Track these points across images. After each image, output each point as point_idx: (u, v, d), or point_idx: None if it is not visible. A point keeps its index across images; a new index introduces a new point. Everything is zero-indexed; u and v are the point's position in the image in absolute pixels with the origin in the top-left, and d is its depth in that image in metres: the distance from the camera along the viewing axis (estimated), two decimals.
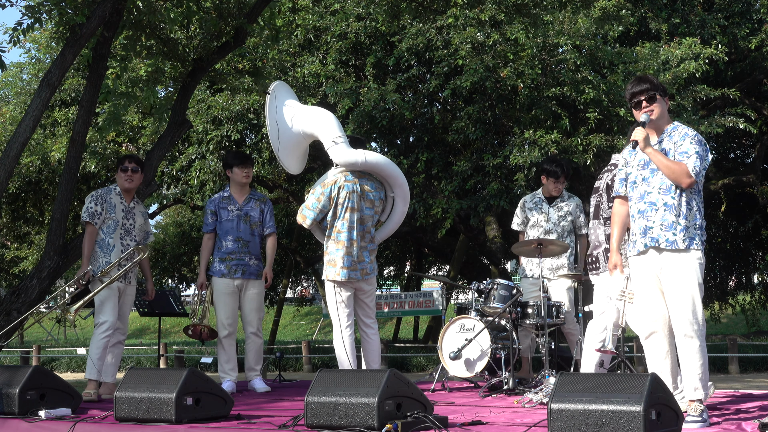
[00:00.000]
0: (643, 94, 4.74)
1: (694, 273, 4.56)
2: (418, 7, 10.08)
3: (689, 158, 4.58)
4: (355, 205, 6.26)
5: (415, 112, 11.44)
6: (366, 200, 6.33)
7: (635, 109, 4.80)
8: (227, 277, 6.87)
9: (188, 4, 7.38)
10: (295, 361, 18.45)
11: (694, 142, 4.62)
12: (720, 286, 20.80)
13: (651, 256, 4.67)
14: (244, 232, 6.93)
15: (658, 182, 4.67)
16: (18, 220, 15.46)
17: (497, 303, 6.77)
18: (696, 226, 4.64)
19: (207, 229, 6.98)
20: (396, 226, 6.62)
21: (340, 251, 6.24)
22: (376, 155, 6.55)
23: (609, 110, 10.61)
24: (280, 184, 16.04)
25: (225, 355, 6.96)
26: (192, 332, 7.01)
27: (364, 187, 6.34)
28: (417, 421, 4.36)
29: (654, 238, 4.64)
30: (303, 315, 31.81)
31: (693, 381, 4.50)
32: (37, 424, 5.10)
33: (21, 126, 6.83)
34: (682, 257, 4.58)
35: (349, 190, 6.26)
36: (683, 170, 4.55)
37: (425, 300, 15.51)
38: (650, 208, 4.67)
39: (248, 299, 6.97)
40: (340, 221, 6.26)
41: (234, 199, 6.97)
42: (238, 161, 7.03)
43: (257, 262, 6.99)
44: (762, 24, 13.07)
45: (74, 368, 20.69)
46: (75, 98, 13.69)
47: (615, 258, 4.95)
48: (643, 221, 4.69)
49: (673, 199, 4.62)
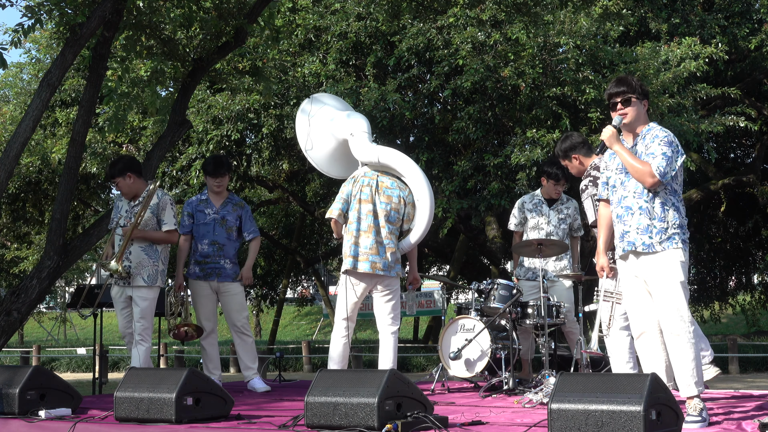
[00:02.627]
0: (618, 96, 4.75)
1: (674, 272, 4.56)
2: (419, 7, 10.08)
3: (654, 158, 4.60)
4: (367, 197, 6.21)
5: (415, 112, 11.43)
6: (382, 195, 6.24)
7: (611, 110, 4.81)
8: (202, 279, 6.89)
9: (188, 5, 7.39)
10: (295, 361, 18.46)
11: (662, 144, 4.63)
12: (720, 286, 20.81)
13: (631, 260, 4.71)
14: (220, 236, 6.92)
15: (633, 186, 4.69)
16: (18, 220, 15.47)
17: (497, 303, 6.77)
18: (675, 226, 4.63)
19: (183, 230, 6.96)
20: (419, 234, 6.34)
21: (348, 241, 6.19)
22: (395, 154, 6.46)
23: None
24: (280, 185, 16.05)
25: (207, 355, 7.04)
26: (177, 334, 6.99)
27: (381, 182, 6.28)
28: (417, 421, 4.36)
29: (631, 242, 4.67)
30: (303, 315, 31.82)
31: (686, 378, 4.51)
32: (37, 424, 5.10)
33: (21, 126, 6.83)
34: (660, 259, 4.60)
35: (363, 183, 6.25)
36: (647, 170, 4.57)
37: (425, 300, 15.52)
38: (626, 212, 4.71)
39: (227, 301, 6.97)
40: (352, 212, 6.24)
41: (211, 202, 6.96)
42: (209, 172, 6.98)
43: (233, 265, 6.97)
44: (762, 24, 13.06)
45: (74, 368, 20.69)
46: (75, 98, 13.69)
47: (602, 260, 4.99)
48: (621, 226, 4.73)
49: (647, 203, 4.64)
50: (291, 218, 20.53)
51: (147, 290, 6.60)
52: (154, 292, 6.65)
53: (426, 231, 6.35)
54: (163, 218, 6.69)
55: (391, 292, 6.25)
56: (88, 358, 19.78)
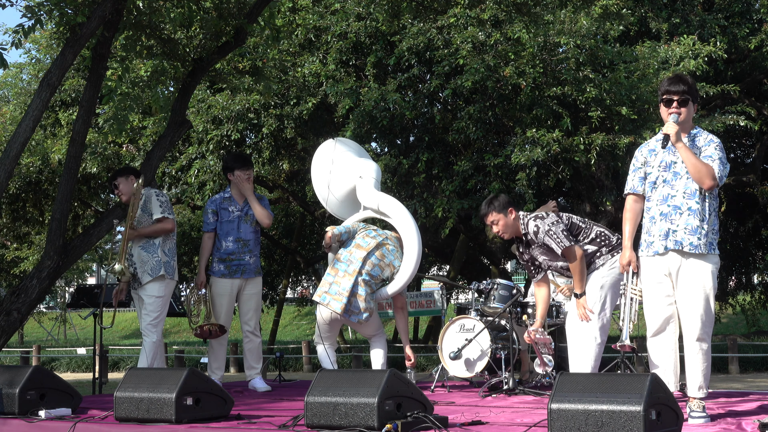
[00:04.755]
0: (678, 94, 4.73)
1: (710, 278, 4.62)
2: (419, 7, 10.07)
3: (714, 162, 4.62)
4: (366, 245, 6.58)
5: (415, 112, 11.43)
6: (378, 251, 6.62)
7: (665, 105, 4.77)
8: (227, 277, 6.89)
9: (188, 4, 7.39)
10: (295, 361, 18.47)
11: (718, 149, 4.68)
12: (720, 286, 20.76)
13: (671, 258, 4.68)
14: (245, 232, 6.95)
15: (682, 186, 4.68)
16: (18, 220, 15.46)
17: (497, 303, 6.77)
18: (714, 232, 4.69)
19: (208, 228, 6.99)
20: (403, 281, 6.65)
21: (329, 276, 6.58)
22: (395, 204, 6.80)
23: (611, 109, 10.61)
24: (280, 185, 16.04)
25: (213, 353, 7.06)
26: (200, 332, 6.98)
27: (386, 243, 6.68)
28: (417, 421, 4.36)
29: (678, 241, 4.65)
30: (303, 315, 31.79)
31: (698, 380, 4.57)
32: (37, 424, 5.10)
33: (21, 126, 6.83)
34: (702, 262, 4.63)
35: (369, 234, 6.66)
36: (709, 171, 4.58)
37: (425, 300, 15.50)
38: (674, 211, 4.68)
39: (246, 299, 7.00)
40: (345, 252, 6.60)
41: (235, 200, 6.99)
42: (239, 164, 7.04)
43: (255, 259, 7.01)
44: (762, 24, 13.06)
45: (74, 368, 20.70)
46: (75, 98, 13.69)
47: (629, 254, 4.93)
48: (666, 224, 4.69)
49: (698, 204, 4.64)
50: (291, 218, 20.49)
51: (152, 284, 6.62)
52: (161, 284, 6.65)
53: (406, 284, 6.68)
54: (151, 210, 6.74)
55: (367, 325, 6.69)
56: (88, 358, 19.78)
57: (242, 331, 7.06)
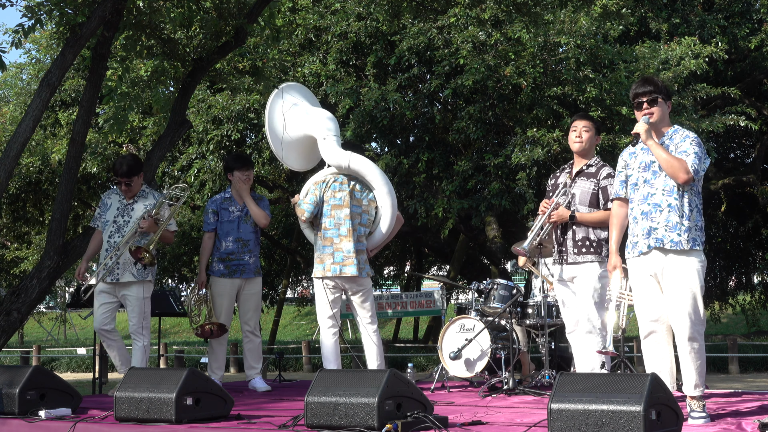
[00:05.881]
0: (645, 95, 4.76)
1: (696, 274, 4.59)
2: (419, 7, 10.07)
3: (688, 156, 4.62)
4: (341, 202, 6.44)
5: (415, 112, 11.44)
6: (354, 198, 6.47)
7: (637, 109, 4.83)
8: (227, 277, 6.90)
9: (188, 4, 7.39)
10: (295, 361, 18.47)
11: (694, 143, 4.67)
12: (720, 286, 20.79)
13: (654, 256, 4.68)
14: (245, 232, 6.97)
15: (661, 184, 4.69)
16: (18, 220, 15.48)
17: (497, 303, 6.77)
18: (697, 228, 4.66)
19: (208, 228, 7.00)
20: (383, 237, 6.64)
21: (327, 248, 6.42)
22: (364, 161, 6.62)
23: (611, 109, 10.61)
24: (280, 185, 16.04)
25: (213, 353, 7.06)
26: (202, 332, 6.98)
27: (353, 186, 6.51)
28: (417, 421, 4.35)
29: (659, 239, 4.65)
30: (303, 315, 31.81)
31: (693, 379, 4.55)
32: (37, 424, 5.10)
33: (21, 126, 6.83)
34: (685, 258, 4.61)
35: (335, 189, 6.47)
36: (682, 166, 4.58)
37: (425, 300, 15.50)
38: (654, 209, 4.69)
39: (246, 299, 7.01)
40: (327, 219, 6.45)
41: (235, 200, 7.00)
42: (239, 164, 7.05)
43: (255, 259, 7.02)
44: (762, 24, 13.08)
45: (74, 368, 20.69)
46: (75, 98, 13.69)
47: (615, 260, 4.96)
48: (647, 222, 4.70)
49: (677, 200, 4.64)
50: (291, 218, 20.47)
51: (137, 285, 6.65)
52: (148, 286, 6.70)
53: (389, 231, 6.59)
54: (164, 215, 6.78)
55: (365, 293, 6.55)
56: (88, 358, 19.78)
57: (242, 331, 7.06)
